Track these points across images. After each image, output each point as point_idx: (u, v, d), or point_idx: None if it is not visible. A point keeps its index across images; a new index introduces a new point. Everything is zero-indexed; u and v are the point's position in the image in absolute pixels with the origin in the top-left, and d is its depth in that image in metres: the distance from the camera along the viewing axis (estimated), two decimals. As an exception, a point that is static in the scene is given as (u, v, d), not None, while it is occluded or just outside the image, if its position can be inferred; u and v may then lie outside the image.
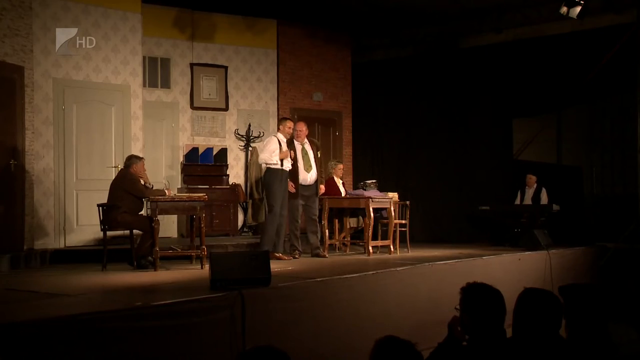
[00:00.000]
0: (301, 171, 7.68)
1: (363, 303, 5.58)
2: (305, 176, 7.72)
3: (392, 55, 11.42)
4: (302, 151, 7.78)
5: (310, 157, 7.81)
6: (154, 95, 9.65)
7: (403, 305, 5.97)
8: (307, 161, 7.75)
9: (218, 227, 9.52)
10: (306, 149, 7.83)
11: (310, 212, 7.79)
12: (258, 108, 10.53)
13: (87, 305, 4.39)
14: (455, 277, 6.34)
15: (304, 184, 7.67)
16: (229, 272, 4.85)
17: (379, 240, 8.40)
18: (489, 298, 3.01)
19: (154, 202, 6.47)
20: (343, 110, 11.34)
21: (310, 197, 7.76)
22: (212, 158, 9.96)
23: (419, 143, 11.18)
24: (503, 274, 7.13)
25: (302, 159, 7.73)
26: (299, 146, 7.77)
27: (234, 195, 9.74)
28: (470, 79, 10.74)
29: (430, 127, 11.07)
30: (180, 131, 9.92)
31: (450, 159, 10.97)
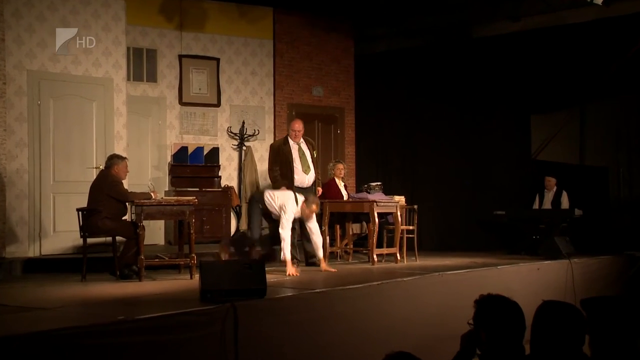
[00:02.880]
0: (298, 173, 7.67)
1: (367, 317, 5.56)
2: (302, 178, 7.70)
3: (398, 46, 11.41)
4: (299, 151, 7.77)
5: (308, 157, 7.80)
6: (138, 90, 9.64)
7: (410, 319, 5.96)
8: (305, 162, 7.73)
9: (209, 234, 9.50)
10: (303, 148, 7.82)
11: (308, 217, 7.75)
12: (253, 104, 10.52)
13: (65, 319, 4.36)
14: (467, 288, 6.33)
15: (301, 187, 7.65)
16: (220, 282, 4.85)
17: (384, 248, 8.39)
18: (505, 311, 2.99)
19: (138, 206, 6.46)
20: (345, 106, 11.33)
21: (307, 200, 7.73)
22: (202, 158, 9.95)
23: (428, 142, 11.18)
24: (520, 285, 7.11)
25: (299, 159, 7.72)
26: (295, 146, 7.76)
27: (227, 198, 9.73)
28: (484, 72, 10.74)
29: (440, 124, 11.06)
30: (168, 129, 9.91)
31: (462, 160, 10.96)
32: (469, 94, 10.87)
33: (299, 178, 7.67)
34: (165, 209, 6.59)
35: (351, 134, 11.39)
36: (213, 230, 9.56)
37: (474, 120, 10.92)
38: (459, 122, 11.00)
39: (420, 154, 11.27)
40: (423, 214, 9.75)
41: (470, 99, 10.88)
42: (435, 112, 11.08)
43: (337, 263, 8.21)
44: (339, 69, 11.26)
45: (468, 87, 10.86)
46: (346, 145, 11.32)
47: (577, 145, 11.23)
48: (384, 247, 8.46)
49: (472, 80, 10.82)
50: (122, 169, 6.74)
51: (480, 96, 10.82)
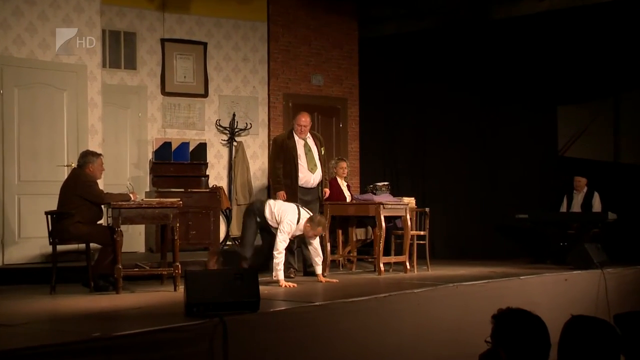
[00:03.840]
0: (303, 171, 7.66)
1: (372, 333, 5.55)
2: (308, 177, 7.70)
3: (408, 29, 11.40)
4: (305, 147, 7.76)
5: (315, 154, 7.79)
6: (116, 78, 9.63)
7: (421, 336, 5.95)
8: (311, 159, 7.73)
9: (195, 240, 9.49)
10: (309, 144, 7.81)
11: (310, 222, 7.75)
12: (244, 94, 10.52)
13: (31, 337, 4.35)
14: (485, 301, 6.32)
15: (305, 187, 7.66)
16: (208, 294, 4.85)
17: (392, 256, 8.38)
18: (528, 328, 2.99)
19: (115, 209, 6.45)
20: (348, 97, 11.33)
21: (311, 202, 7.74)
22: (188, 155, 9.94)
23: (441, 137, 11.17)
24: (545, 298, 7.11)
25: (304, 156, 7.71)
26: (301, 141, 7.75)
27: (215, 200, 9.73)
28: (505, 58, 10.72)
29: (455, 117, 11.05)
30: (149, 122, 9.91)
31: (479, 156, 10.95)
32: (488, 83, 10.86)
33: (303, 177, 7.66)
34: (145, 212, 6.58)
35: (355, 127, 11.39)
36: (200, 236, 9.54)
37: (494, 113, 10.90)
38: (477, 114, 10.99)
39: (433, 151, 11.26)
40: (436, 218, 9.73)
41: (489, 89, 10.86)
42: (449, 104, 11.07)
43: (339, 273, 8.20)
44: (341, 54, 11.25)
45: (486, 76, 10.85)
46: (349, 141, 11.31)
47: (610, 140, 11.17)
48: (391, 255, 8.45)
49: (491, 68, 10.81)
50: (97, 167, 6.74)
51: (501, 85, 10.81)
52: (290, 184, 7.62)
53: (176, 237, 6.59)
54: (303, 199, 7.58)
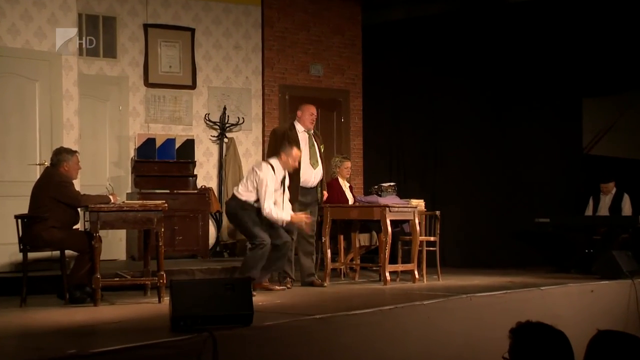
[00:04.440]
0: (305, 167, 7.64)
1: (376, 349, 5.54)
2: (309, 175, 7.68)
3: (417, 14, 11.41)
4: (309, 140, 7.76)
5: (317, 149, 7.79)
6: (94, 67, 9.63)
7: (431, 353, 5.94)
8: (314, 154, 7.73)
9: (182, 246, 9.50)
10: (312, 138, 7.81)
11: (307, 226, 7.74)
12: (236, 85, 10.52)
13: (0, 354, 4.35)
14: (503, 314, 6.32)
15: (304, 187, 7.65)
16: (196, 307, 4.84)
17: (399, 264, 8.38)
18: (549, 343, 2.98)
19: (93, 212, 6.44)
20: (351, 89, 11.33)
21: (310, 204, 7.73)
22: (173, 153, 9.94)
23: (453, 132, 11.17)
24: (569, 310, 7.11)
25: (308, 150, 7.70)
26: (305, 135, 7.74)
27: (204, 203, 9.73)
28: (523, 44, 10.72)
29: (468, 110, 11.06)
30: (131, 116, 9.91)
31: (495, 154, 10.94)
32: (505, 73, 10.85)
33: (304, 173, 7.64)
34: (127, 216, 6.57)
35: (358, 122, 11.39)
36: (187, 242, 9.54)
37: (512, 106, 10.90)
38: (493, 108, 10.98)
39: (444, 148, 11.26)
40: (447, 222, 9.72)
41: (507, 79, 10.86)
42: (462, 96, 11.07)
43: (340, 282, 8.20)
44: (342, 42, 11.25)
45: (504, 65, 10.85)
46: (352, 137, 11.31)
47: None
48: (398, 263, 8.44)
49: (508, 56, 10.81)
50: (73, 166, 6.72)
51: (519, 76, 10.80)
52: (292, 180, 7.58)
53: (161, 244, 6.57)
54: (301, 201, 7.57)
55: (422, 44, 11.35)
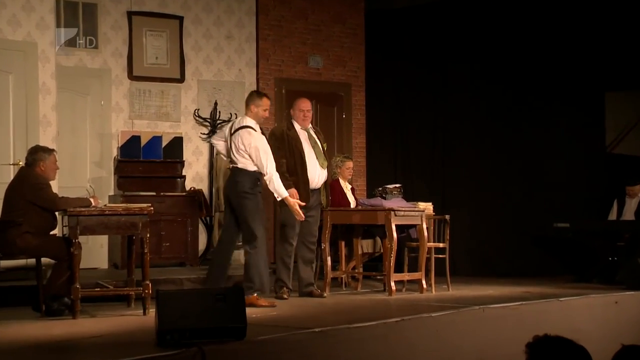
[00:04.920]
0: (312, 168, 7.64)
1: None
2: (314, 176, 7.68)
3: (424, 0, 11.39)
4: (310, 139, 7.75)
5: (321, 147, 7.78)
6: (73, 59, 9.62)
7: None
8: (320, 154, 7.73)
9: (169, 254, 9.49)
10: (314, 136, 7.80)
11: (308, 231, 7.76)
12: (228, 79, 10.51)
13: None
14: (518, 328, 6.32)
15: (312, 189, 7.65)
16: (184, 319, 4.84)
17: (405, 273, 8.37)
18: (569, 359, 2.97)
19: (73, 216, 6.43)
20: (353, 82, 11.32)
21: (312, 208, 7.72)
22: (160, 151, 9.93)
23: (464, 129, 11.16)
24: (591, 324, 7.11)
25: (312, 150, 7.69)
26: (304, 133, 7.74)
27: (193, 206, 9.72)
28: (541, 33, 10.71)
29: (481, 105, 11.04)
30: (114, 112, 9.90)
31: (511, 153, 10.93)
32: (520, 64, 10.83)
33: (310, 175, 7.63)
34: (109, 221, 6.56)
35: (361, 119, 11.37)
36: (174, 249, 9.54)
37: (528, 100, 10.88)
38: (507, 103, 10.96)
39: (455, 146, 11.24)
40: (457, 227, 9.70)
41: (522, 72, 10.84)
42: (475, 90, 11.05)
43: (341, 293, 8.20)
44: (344, 31, 11.24)
45: (519, 56, 10.83)
46: (354, 134, 11.30)
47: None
48: (404, 272, 8.44)
49: (524, 46, 10.80)
50: (50, 166, 6.71)
51: (536, 67, 10.78)
52: (298, 186, 7.54)
53: (146, 251, 6.56)
54: (303, 205, 7.54)
55: (430, 33, 11.32)
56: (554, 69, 10.72)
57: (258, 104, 7.28)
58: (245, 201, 7.09)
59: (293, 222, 7.54)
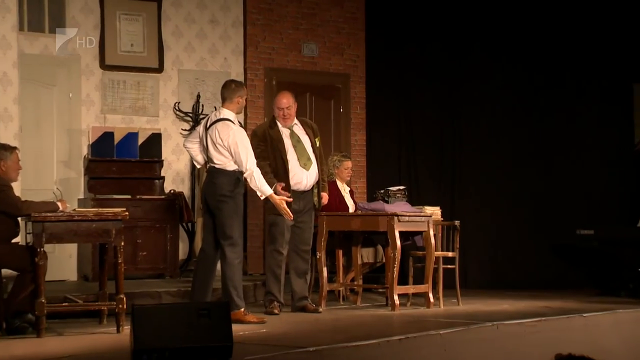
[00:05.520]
0: (294, 169, 7.64)
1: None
2: (300, 177, 7.69)
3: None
4: (292, 137, 7.75)
5: (307, 145, 7.77)
6: (38, 46, 9.60)
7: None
8: (303, 152, 7.72)
9: (146, 264, 9.47)
10: (297, 133, 7.79)
11: (300, 238, 7.75)
12: (212, 68, 10.49)
13: None
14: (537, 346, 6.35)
15: (296, 190, 7.65)
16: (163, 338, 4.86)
17: (410, 286, 8.37)
18: (595, 381, 2.97)
19: (37, 222, 6.41)
20: (352, 72, 11.30)
21: (303, 212, 7.72)
22: (136, 150, 9.91)
23: (477, 125, 11.16)
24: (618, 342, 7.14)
25: (292, 149, 7.70)
26: (286, 131, 7.74)
27: (173, 211, 9.70)
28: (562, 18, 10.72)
29: (495, 98, 11.05)
30: (84, 105, 9.87)
31: (529, 152, 10.94)
32: (540, 52, 10.85)
33: (296, 177, 7.63)
34: (79, 227, 6.55)
35: (360, 113, 11.36)
36: (152, 258, 9.51)
37: (548, 93, 10.90)
38: (525, 95, 10.98)
39: (466, 144, 11.23)
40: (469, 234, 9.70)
41: (542, 61, 10.86)
42: (489, 80, 11.05)
43: (339, 307, 8.20)
44: (342, 15, 11.23)
45: (538, 43, 10.85)
46: (353, 131, 11.28)
47: None
48: (409, 284, 8.43)
49: (545, 32, 10.81)
50: (12, 165, 6.70)
51: (557, 56, 10.80)
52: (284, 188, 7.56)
53: (120, 260, 6.55)
54: (293, 208, 7.55)
55: (441, 16, 11.27)
56: (577, 59, 10.74)
57: (243, 95, 7.31)
58: (224, 205, 7.08)
59: (282, 229, 7.54)
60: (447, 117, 11.35)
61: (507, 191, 10.94)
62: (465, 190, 11.08)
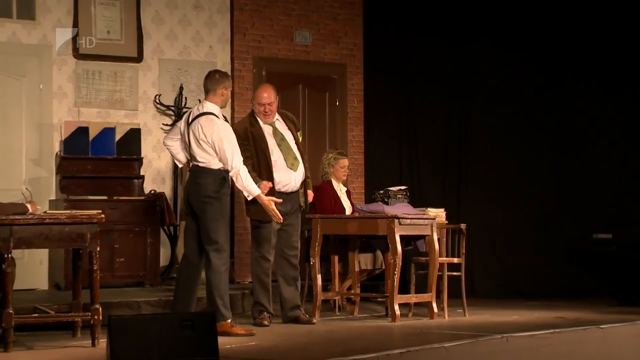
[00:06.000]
0: (281, 170, 7.65)
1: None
2: (287, 178, 7.69)
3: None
4: (276, 135, 7.75)
5: (291, 142, 7.77)
6: (4, 32, 9.59)
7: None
8: (289, 151, 7.72)
9: (124, 271, 9.47)
10: (280, 130, 7.79)
11: (287, 242, 7.76)
12: (196, 58, 10.49)
13: None
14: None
15: (285, 192, 7.65)
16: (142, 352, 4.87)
17: (412, 295, 8.38)
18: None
19: (5, 226, 6.39)
20: (348, 62, 11.31)
21: (290, 214, 7.73)
22: (113, 146, 9.91)
23: (486, 120, 11.17)
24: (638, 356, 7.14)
25: (277, 148, 7.70)
26: (268, 128, 7.74)
27: (154, 213, 9.70)
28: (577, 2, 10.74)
29: (506, 89, 11.06)
30: (56, 98, 9.87)
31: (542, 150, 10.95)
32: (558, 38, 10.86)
33: (282, 178, 7.64)
34: (50, 231, 6.52)
35: (358, 106, 11.37)
36: (130, 265, 9.50)
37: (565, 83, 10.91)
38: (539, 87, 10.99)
39: (473, 140, 11.25)
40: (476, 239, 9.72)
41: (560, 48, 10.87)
42: (500, 71, 11.07)
43: (334, 318, 8.19)
44: None
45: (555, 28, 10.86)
46: (349, 126, 11.29)
47: None
48: (411, 293, 8.44)
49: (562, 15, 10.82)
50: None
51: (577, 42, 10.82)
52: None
53: (96, 267, 6.53)
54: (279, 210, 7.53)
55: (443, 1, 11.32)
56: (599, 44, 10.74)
57: (228, 86, 7.29)
58: (208, 207, 7.07)
59: (268, 233, 7.54)
60: (453, 111, 11.36)
61: (517, 191, 10.95)
62: (472, 190, 11.09)
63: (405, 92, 11.51)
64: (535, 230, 10.83)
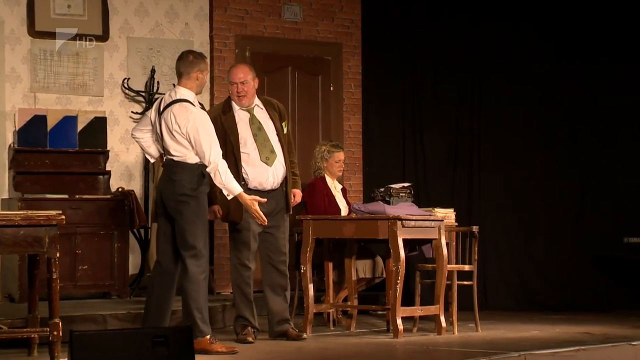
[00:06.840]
0: (254, 165, 7.66)
1: None
2: (261, 174, 7.68)
3: None
4: (252, 124, 7.75)
5: (270, 133, 7.76)
6: (-47, 8, 9.62)
7: None
8: (264, 142, 7.72)
9: (88, 280, 9.47)
10: (258, 118, 7.79)
11: (274, 246, 7.78)
12: (170, 36, 10.50)
13: None
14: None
15: (260, 190, 7.66)
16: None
17: (417, 307, 8.40)
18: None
19: (-48, 228, 6.43)
20: (344, 41, 11.33)
21: (272, 214, 7.74)
22: (75, 138, 9.93)
23: (501, 108, 11.19)
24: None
25: (252, 138, 7.71)
26: (244, 115, 7.74)
27: (122, 214, 9.71)
28: None
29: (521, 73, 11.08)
30: (8, 82, 9.88)
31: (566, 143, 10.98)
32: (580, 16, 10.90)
33: (255, 173, 7.65)
34: (2, 234, 6.54)
35: (355, 92, 11.38)
36: (95, 273, 9.50)
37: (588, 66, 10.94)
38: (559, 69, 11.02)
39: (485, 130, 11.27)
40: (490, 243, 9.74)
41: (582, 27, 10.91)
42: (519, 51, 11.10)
43: (328, 333, 8.21)
44: (331, -30, 11.28)
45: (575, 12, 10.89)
46: (345, 115, 11.31)
47: None
48: (416, 305, 8.47)
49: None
50: None
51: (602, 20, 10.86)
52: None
53: (55, 276, 6.54)
54: (260, 210, 7.55)
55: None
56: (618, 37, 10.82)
57: (204, 69, 7.26)
58: (185, 207, 7.07)
59: (247, 237, 7.55)
60: (463, 97, 11.38)
61: (537, 191, 10.98)
62: (486, 188, 11.12)
63: (410, 76, 11.54)
64: (558, 234, 10.86)
